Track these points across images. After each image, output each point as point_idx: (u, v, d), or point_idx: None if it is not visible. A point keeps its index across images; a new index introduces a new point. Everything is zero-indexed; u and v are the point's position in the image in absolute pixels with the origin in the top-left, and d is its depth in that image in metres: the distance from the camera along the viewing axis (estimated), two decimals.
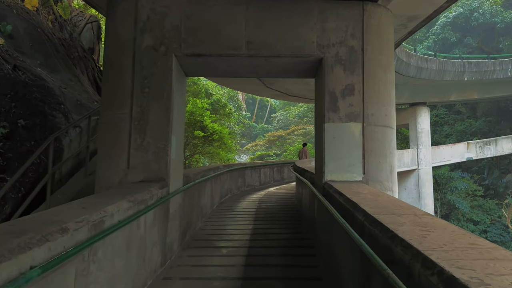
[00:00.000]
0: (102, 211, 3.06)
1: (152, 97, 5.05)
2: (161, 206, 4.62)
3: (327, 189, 4.60)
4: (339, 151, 5.02)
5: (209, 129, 17.89)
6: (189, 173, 6.61)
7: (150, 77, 5.08)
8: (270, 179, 16.84)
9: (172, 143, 5.07)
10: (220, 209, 9.48)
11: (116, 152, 4.98)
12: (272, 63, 5.40)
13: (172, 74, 5.09)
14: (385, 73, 5.28)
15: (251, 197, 12.06)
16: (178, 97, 5.37)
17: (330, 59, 5.15)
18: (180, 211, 5.69)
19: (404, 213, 2.85)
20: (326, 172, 5.00)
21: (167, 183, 4.94)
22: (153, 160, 4.97)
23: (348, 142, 5.03)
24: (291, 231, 6.83)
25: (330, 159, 5.01)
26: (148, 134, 5.00)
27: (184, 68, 5.60)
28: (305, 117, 44.27)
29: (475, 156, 27.57)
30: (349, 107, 5.08)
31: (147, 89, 5.06)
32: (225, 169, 11.19)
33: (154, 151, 4.97)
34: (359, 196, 3.65)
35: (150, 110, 5.03)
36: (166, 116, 5.02)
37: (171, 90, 5.06)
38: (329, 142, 5.03)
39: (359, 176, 4.98)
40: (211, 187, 9.23)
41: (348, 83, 5.12)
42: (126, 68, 5.10)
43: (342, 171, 5.00)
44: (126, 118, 5.02)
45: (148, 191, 4.18)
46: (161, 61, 5.10)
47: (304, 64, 5.42)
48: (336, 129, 5.05)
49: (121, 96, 5.07)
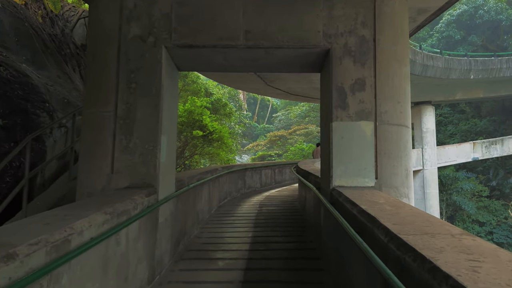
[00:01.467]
0: (68, 228, 2.52)
1: (140, 93, 4.52)
2: (148, 216, 4.09)
3: (335, 196, 4.06)
4: (349, 153, 4.48)
5: (209, 128, 17.35)
6: (183, 176, 6.07)
7: (137, 70, 4.54)
8: (271, 180, 16.30)
9: (162, 145, 4.54)
10: (218, 214, 8.95)
11: (99, 154, 4.45)
12: (273, 56, 4.86)
13: (161, 68, 4.56)
14: (400, 66, 4.73)
15: (251, 200, 11.52)
16: (169, 93, 4.84)
17: (338, 50, 4.61)
18: (172, 219, 5.15)
19: (437, 232, 2.30)
20: (334, 176, 4.45)
21: (155, 189, 4.40)
22: (140, 164, 4.43)
23: (358, 143, 4.49)
24: (294, 239, 6.29)
25: (339, 162, 4.47)
26: (135, 134, 4.47)
27: (175, 61, 5.06)
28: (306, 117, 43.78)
29: (481, 156, 26.98)
30: (360, 104, 4.54)
31: (134, 84, 4.52)
32: (224, 170, 10.65)
33: (141, 154, 4.44)
34: (375, 207, 3.10)
35: (137, 107, 4.50)
36: (155, 114, 4.49)
37: (160, 85, 4.53)
38: (337, 143, 4.49)
39: (371, 181, 4.44)
40: (209, 190, 8.70)
41: (359, 77, 4.57)
42: (111, 61, 4.57)
43: (352, 176, 4.46)
44: (110, 117, 4.50)
45: (131, 200, 3.64)
46: (149, 53, 4.57)
47: (308, 57, 4.88)
48: (345, 128, 4.51)
49: (105, 92, 4.54)
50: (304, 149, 31.60)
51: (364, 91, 4.56)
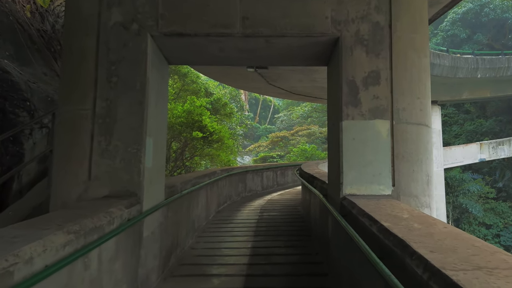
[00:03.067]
0: (11, 255, 1.95)
1: (122, 88, 3.94)
2: (128, 231, 3.51)
3: (347, 207, 3.47)
4: (361, 156, 3.89)
5: (209, 129, 16.78)
6: (175, 182, 5.49)
7: (119, 62, 3.97)
8: (273, 183, 15.72)
9: (147, 147, 3.96)
10: (216, 220, 8.36)
11: (75, 158, 3.88)
12: (274, 46, 4.28)
13: (147, 59, 3.99)
14: (419, 57, 4.14)
15: (252, 204, 10.94)
16: (156, 88, 4.26)
17: (349, 38, 4.03)
18: (161, 231, 4.57)
19: (493, 265, 1.72)
20: (345, 183, 3.87)
21: (139, 199, 3.83)
22: (122, 169, 3.86)
23: (372, 144, 3.90)
24: (298, 251, 5.70)
25: (350, 167, 3.88)
26: (115, 135, 3.89)
27: (164, 53, 4.49)
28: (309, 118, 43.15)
29: (488, 157, 26.33)
30: (374, 100, 3.95)
31: (115, 78, 3.95)
32: (223, 173, 10.07)
33: (123, 158, 3.87)
34: (400, 224, 2.52)
35: (119, 104, 3.93)
36: (139, 113, 3.92)
37: (145, 79, 3.95)
38: (348, 145, 3.90)
39: (387, 188, 3.85)
40: (206, 195, 8.12)
41: (372, 69, 3.99)
42: (89, 52, 4.00)
43: (366, 183, 3.87)
44: (88, 115, 3.92)
45: (106, 214, 3.06)
46: (133, 43, 4.00)
47: (314, 46, 4.30)
48: (357, 128, 3.92)
49: (82, 88, 3.97)
50: (307, 150, 30.98)
51: (378, 85, 3.97)
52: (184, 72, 21.21)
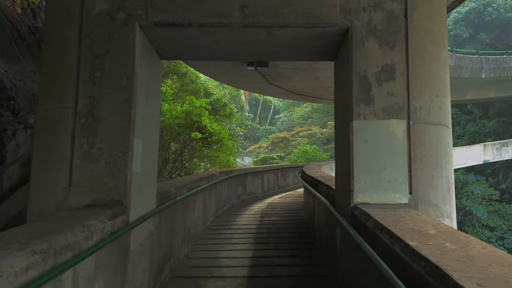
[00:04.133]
0: None
1: (106, 84, 3.53)
2: (111, 246, 3.09)
3: (360, 219, 3.06)
4: (375, 160, 3.48)
5: (208, 129, 16.38)
6: (169, 187, 5.08)
7: (104, 56, 3.56)
8: (274, 185, 15.31)
9: (135, 150, 3.55)
10: (214, 226, 7.94)
11: (54, 162, 3.47)
12: (277, 38, 3.87)
13: (135, 52, 3.58)
14: (438, 49, 3.73)
15: (252, 208, 10.52)
16: (146, 85, 3.85)
17: (360, 29, 3.62)
18: (152, 242, 4.16)
19: None
20: (356, 191, 3.45)
21: (125, 208, 3.41)
22: (106, 175, 3.44)
23: (387, 147, 3.49)
24: (302, 261, 5.28)
25: (362, 172, 3.47)
26: (99, 137, 3.48)
27: (155, 46, 4.08)
28: (309, 118, 42.77)
29: (492, 158, 25.90)
30: (388, 98, 3.54)
31: (99, 73, 3.54)
32: (222, 176, 9.66)
33: (108, 162, 3.45)
34: (429, 242, 2.10)
35: (103, 102, 3.51)
36: (126, 111, 3.50)
37: (133, 74, 3.54)
38: (359, 148, 3.49)
39: (403, 196, 3.43)
40: (204, 199, 7.70)
41: (386, 62, 3.58)
42: (71, 44, 3.59)
43: (379, 190, 3.45)
44: (69, 114, 3.51)
45: (84, 228, 2.65)
46: (119, 34, 3.59)
47: (321, 38, 3.88)
48: (370, 128, 3.51)
49: (62, 83, 3.56)
50: (308, 151, 30.56)
51: (393, 81, 3.56)
52: (183, 72, 20.81)
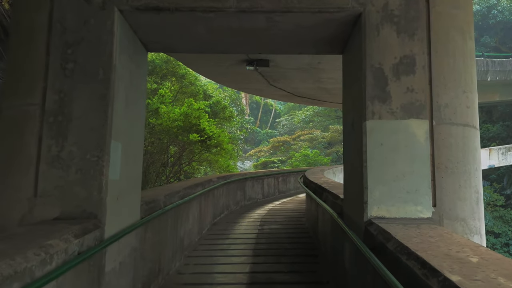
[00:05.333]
0: None
1: (79, 77, 3.04)
2: (79, 268, 2.57)
3: (377, 237, 2.55)
4: (392, 167, 2.97)
5: (207, 132, 15.89)
6: (157, 195, 4.57)
7: (77, 44, 3.07)
8: (274, 190, 14.78)
9: (112, 154, 3.05)
10: (211, 235, 7.42)
11: (18, 168, 2.97)
12: (277, 26, 3.38)
13: (114, 40, 3.08)
14: (464, 38, 3.24)
15: (251, 215, 10.00)
16: (127, 79, 3.36)
17: (375, 14, 3.12)
18: (135, 259, 3.65)
19: None
20: (370, 202, 2.94)
21: (99, 222, 2.91)
22: (77, 183, 2.94)
23: (406, 152, 2.98)
24: (305, 278, 4.76)
25: (377, 181, 2.96)
26: (70, 138, 2.98)
27: (140, 35, 3.58)
28: (310, 122, 42.29)
29: (498, 163, 25.36)
30: (408, 94, 3.04)
31: (71, 64, 3.05)
32: (219, 181, 9.15)
33: (80, 168, 2.95)
34: (475, 276, 1.60)
35: (76, 98, 3.02)
36: (102, 109, 3.01)
37: (111, 66, 3.05)
38: (374, 153, 2.99)
39: (426, 210, 2.92)
40: (200, 207, 7.19)
41: (405, 53, 3.08)
42: (39, 31, 3.10)
43: (398, 202, 2.95)
44: (36, 112, 3.02)
45: (40, 249, 2.14)
46: (95, 19, 3.09)
47: (328, 26, 3.39)
48: (386, 130, 3.01)
49: (29, 77, 3.07)
50: (309, 155, 30.06)
51: (413, 75, 3.06)
52: (182, 74, 20.34)
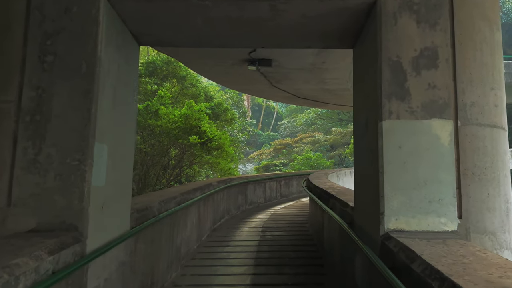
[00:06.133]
0: None
1: (60, 71, 2.70)
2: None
3: (398, 255, 2.20)
4: (412, 173, 2.63)
5: (208, 134, 15.57)
6: (151, 201, 4.23)
7: (58, 35, 2.74)
8: (276, 194, 14.43)
9: (95, 158, 2.71)
10: (210, 242, 7.07)
11: None
12: (282, 16, 3.04)
13: (99, 30, 2.75)
14: (491, 29, 2.90)
15: (253, 220, 9.64)
16: (114, 74, 3.02)
17: (391, 2, 2.78)
18: (123, 274, 3.30)
19: None
20: (387, 213, 2.59)
21: (80, 235, 2.57)
22: (56, 190, 2.60)
23: (428, 156, 2.64)
24: None
25: (395, 189, 2.61)
26: (49, 140, 2.65)
27: (130, 26, 3.25)
28: (313, 125, 41.97)
29: None
30: (429, 91, 2.70)
31: (51, 57, 2.72)
32: (220, 185, 8.81)
33: (58, 173, 2.62)
34: None
35: (56, 95, 2.68)
36: (85, 107, 2.67)
37: (95, 59, 2.71)
38: (391, 157, 2.64)
39: (451, 222, 2.57)
40: (198, 212, 6.85)
41: (426, 45, 2.73)
42: (15, 19, 2.77)
43: (419, 212, 2.60)
44: (10, 110, 2.68)
45: (2, 271, 1.81)
46: (78, 7, 2.76)
47: (339, 16, 3.05)
48: (405, 131, 2.66)
49: (4, 71, 2.74)
50: (312, 158, 29.70)
51: (435, 69, 2.71)
52: (183, 75, 20.05)
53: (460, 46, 2.77)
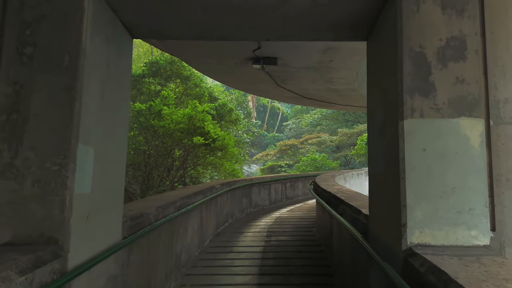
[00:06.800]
0: None
1: (40, 64, 2.41)
2: None
3: (427, 276, 1.87)
4: (438, 179, 2.30)
5: (211, 135, 15.28)
6: (147, 208, 3.92)
7: (38, 23, 2.44)
8: (282, 196, 14.10)
9: (79, 163, 2.41)
10: (213, 248, 6.77)
11: None
12: (289, 3, 2.73)
13: (83, 18, 2.45)
14: None
15: (257, 224, 9.33)
16: (102, 68, 2.72)
17: None
18: (114, 287, 3.00)
19: None
20: (411, 225, 2.27)
21: (61, 249, 2.26)
22: (34, 199, 2.31)
23: (456, 159, 2.31)
24: None
25: (419, 198, 2.29)
26: (26, 142, 2.35)
27: (121, 16, 2.95)
28: (318, 125, 41.60)
29: None
30: (457, 85, 2.37)
31: (30, 49, 2.42)
32: (223, 188, 8.51)
33: (37, 179, 2.32)
34: None
35: (35, 91, 2.39)
36: (67, 105, 2.37)
37: (79, 51, 2.41)
38: (414, 160, 2.32)
39: (483, 235, 2.24)
40: (200, 217, 6.54)
41: (453, 34, 2.41)
42: None
43: (446, 224, 2.27)
44: None
45: None
46: None
47: (352, 2, 2.73)
48: (430, 131, 2.34)
49: None
50: (317, 159, 29.32)
51: (463, 61, 2.39)
52: (187, 75, 19.79)
53: (492, 35, 2.44)
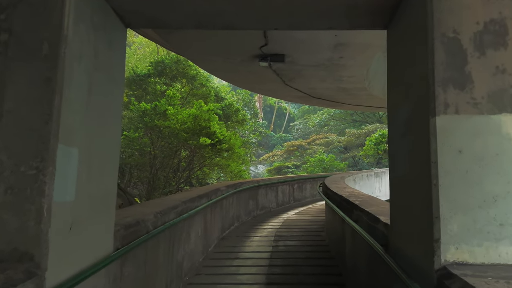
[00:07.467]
0: None
1: (16, 53, 2.10)
2: None
3: None
4: (476, 186, 1.96)
5: (217, 136, 14.98)
6: (144, 214, 3.60)
7: (14, 8, 2.14)
8: (289, 198, 13.76)
9: (59, 166, 2.09)
10: (217, 254, 6.45)
11: None
12: None
13: (65, 2, 2.14)
14: None
15: (264, 227, 8.99)
16: (89, 59, 2.41)
17: None
18: None
19: None
20: (445, 240, 1.93)
21: (38, 267, 1.95)
22: (7, 208, 2.00)
23: (497, 163, 1.97)
24: None
25: (455, 207, 1.95)
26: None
27: (112, 2, 2.64)
28: (326, 126, 41.18)
29: None
30: (497, 76, 2.03)
31: (5, 36, 2.12)
32: (229, 190, 8.19)
33: (10, 186, 2.01)
34: None
35: (10, 84, 2.09)
36: (45, 99, 2.06)
37: (60, 38, 2.10)
38: (448, 164, 1.98)
39: None
40: (204, 221, 6.23)
41: (492, 17, 2.07)
42: None
43: (486, 239, 1.93)
44: None
45: None
46: None
47: None
48: (467, 130, 2.00)
49: None
50: (325, 160, 28.92)
51: (505, 48, 2.05)
52: (193, 75, 19.51)
53: None
